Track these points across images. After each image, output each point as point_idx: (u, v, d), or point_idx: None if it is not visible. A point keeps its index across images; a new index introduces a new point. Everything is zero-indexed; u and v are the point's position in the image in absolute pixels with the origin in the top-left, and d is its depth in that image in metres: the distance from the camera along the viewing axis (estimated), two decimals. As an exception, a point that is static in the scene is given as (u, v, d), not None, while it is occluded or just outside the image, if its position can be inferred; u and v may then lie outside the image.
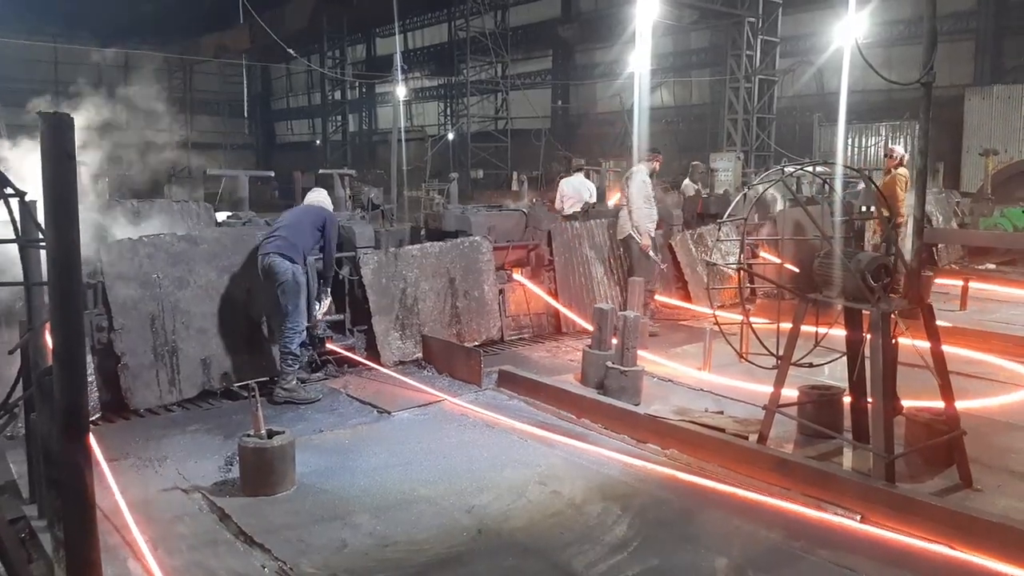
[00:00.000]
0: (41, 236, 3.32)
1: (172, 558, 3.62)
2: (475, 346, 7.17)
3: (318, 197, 6.67)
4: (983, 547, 3.60)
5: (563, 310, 8.33)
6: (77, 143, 2.50)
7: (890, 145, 15.73)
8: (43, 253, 2.64)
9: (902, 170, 9.86)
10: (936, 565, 3.59)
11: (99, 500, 2.73)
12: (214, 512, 4.11)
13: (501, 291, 7.96)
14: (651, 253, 8.34)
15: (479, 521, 4.01)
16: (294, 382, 5.98)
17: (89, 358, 5.40)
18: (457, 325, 7.48)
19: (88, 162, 6.68)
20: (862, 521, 3.96)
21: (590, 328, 7.08)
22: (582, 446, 5.03)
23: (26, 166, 4.19)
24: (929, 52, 4.37)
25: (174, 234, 6.19)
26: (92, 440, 2.63)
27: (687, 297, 9.49)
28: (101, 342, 5.68)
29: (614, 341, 6.20)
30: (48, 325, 2.56)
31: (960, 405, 4.60)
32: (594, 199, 11.03)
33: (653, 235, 8.39)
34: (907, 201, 9.48)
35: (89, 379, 5.28)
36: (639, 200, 8.20)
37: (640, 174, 8.33)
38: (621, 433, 5.25)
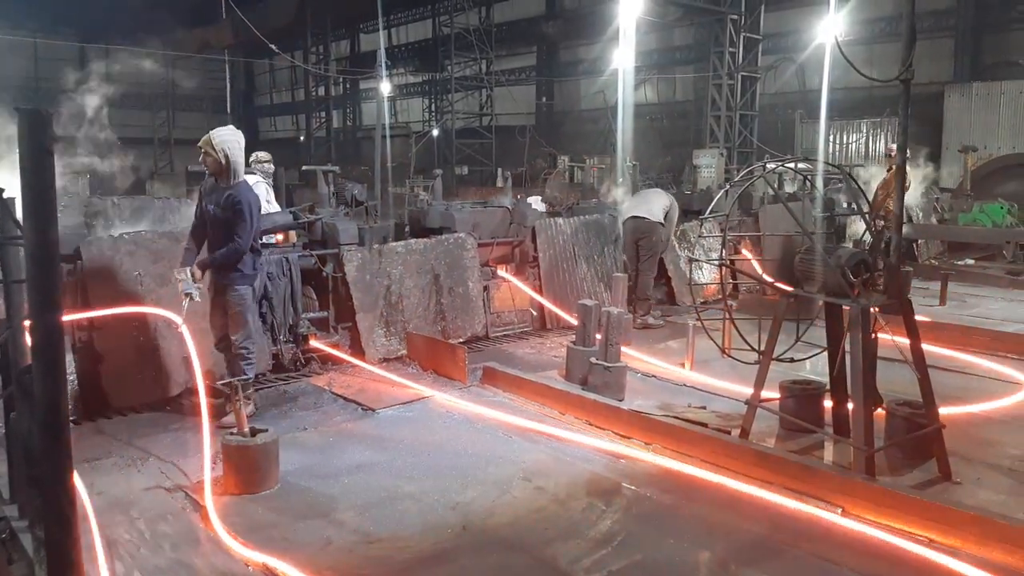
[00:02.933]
0: (20, 233, 3.29)
1: (155, 557, 3.61)
2: (460, 343, 7.16)
3: None
4: (962, 539, 3.66)
5: (548, 305, 8.34)
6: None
7: (889, 144, 15.86)
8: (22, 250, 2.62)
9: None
10: (916, 557, 3.63)
11: (81, 499, 2.72)
12: (197, 511, 4.09)
13: (486, 288, 7.96)
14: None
15: (464, 517, 4.02)
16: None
17: (70, 356, 5.36)
18: (442, 322, 7.48)
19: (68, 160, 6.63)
20: (843, 514, 4.00)
21: (574, 323, 7.09)
22: (566, 442, 5.05)
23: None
24: (908, 49, 4.40)
25: (155, 231, 6.15)
26: (73, 439, 2.61)
27: (670, 293, 9.53)
28: (82, 340, 5.63)
29: (599, 337, 6.22)
30: (27, 323, 2.55)
31: (946, 411, 4.65)
32: None
33: None
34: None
35: (70, 378, 5.24)
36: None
37: None
38: (605, 428, 5.27)
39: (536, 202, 10.54)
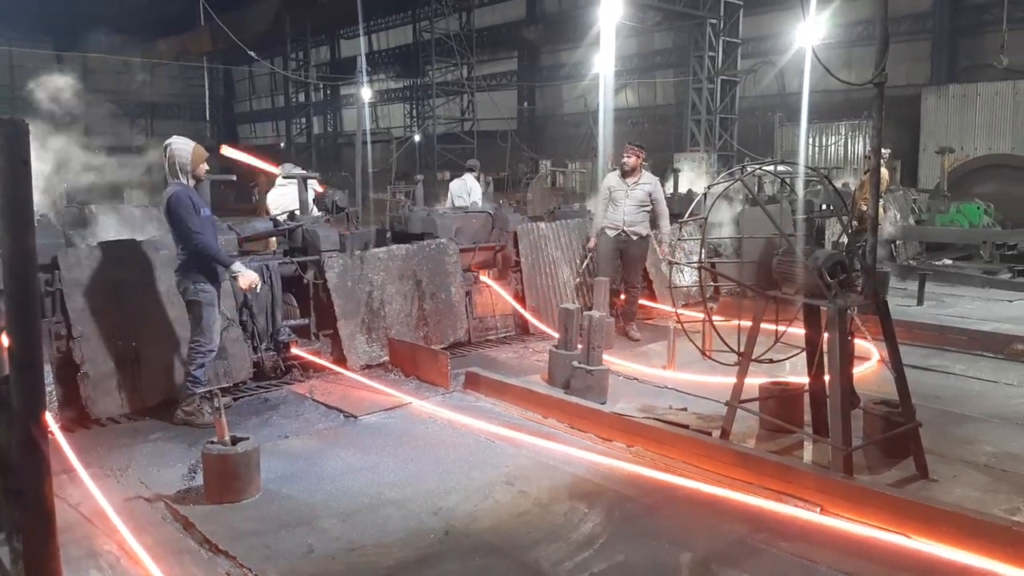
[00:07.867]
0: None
1: (135, 568, 3.59)
2: (442, 348, 7.17)
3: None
4: (939, 535, 3.70)
5: (529, 317, 8.35)
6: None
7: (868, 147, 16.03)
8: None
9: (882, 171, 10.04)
10: (893, 554, 3.68)
11: (59, 511, 2.70)
12: (178, 521, 4.07)
13: (468, 293, 7.97)
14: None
15: (447, 523, 4.03)
16: (195, 403, 5.55)
17: (48, 367, 5.31)
18: (424, 327, 7.48)
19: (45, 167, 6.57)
20: (822, 513, 4.05)
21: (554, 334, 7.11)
22: (549, 445, 5.06)
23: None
24: (881, 54, 4.47)
25: (134, 240, 6.12)
26: (51, 450, 2.60)
27: (651, 296, 9.57)
28: (60, 350, 5.59)
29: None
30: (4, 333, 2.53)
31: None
32: (479, 201, 11.40)
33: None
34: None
35: (48, 388, 5.20)
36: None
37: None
38: (587, 432, 5.30)
39: None
